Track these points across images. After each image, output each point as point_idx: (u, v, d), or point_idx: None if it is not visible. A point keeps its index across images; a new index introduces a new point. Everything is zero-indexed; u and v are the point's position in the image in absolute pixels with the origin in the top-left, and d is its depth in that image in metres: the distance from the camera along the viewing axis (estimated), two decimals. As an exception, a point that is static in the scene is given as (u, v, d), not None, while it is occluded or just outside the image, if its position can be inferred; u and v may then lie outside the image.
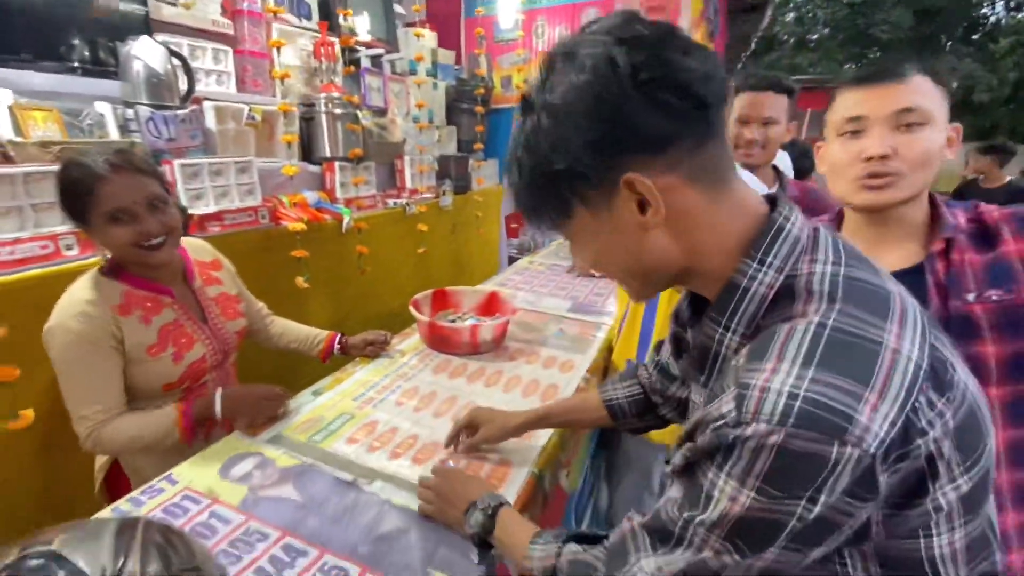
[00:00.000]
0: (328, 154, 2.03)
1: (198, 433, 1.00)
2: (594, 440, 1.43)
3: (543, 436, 1.01)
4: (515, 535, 0.67)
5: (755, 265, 0.46)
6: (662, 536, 0.46)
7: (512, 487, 0.89)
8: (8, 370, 1.18)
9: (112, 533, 0.42)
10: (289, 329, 1.33)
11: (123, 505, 0.80)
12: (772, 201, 0.50)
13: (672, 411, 0.79)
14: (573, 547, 0.57)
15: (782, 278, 0.45)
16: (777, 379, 0.40)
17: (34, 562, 0.37)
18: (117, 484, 1.07)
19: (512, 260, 3.17)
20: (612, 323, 1.60)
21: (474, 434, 0.95)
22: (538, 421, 0.95)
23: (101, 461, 1.09)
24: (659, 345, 0.80)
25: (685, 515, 0.44)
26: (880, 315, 0.42)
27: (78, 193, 0.90)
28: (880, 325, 0.41)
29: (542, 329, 1.56)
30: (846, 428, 0.37)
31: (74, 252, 1.36)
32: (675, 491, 0.47)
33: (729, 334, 0.48)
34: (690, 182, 0.46)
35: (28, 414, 1.23)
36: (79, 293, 0.94)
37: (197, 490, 0.84)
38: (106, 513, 0.80)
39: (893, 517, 0.41)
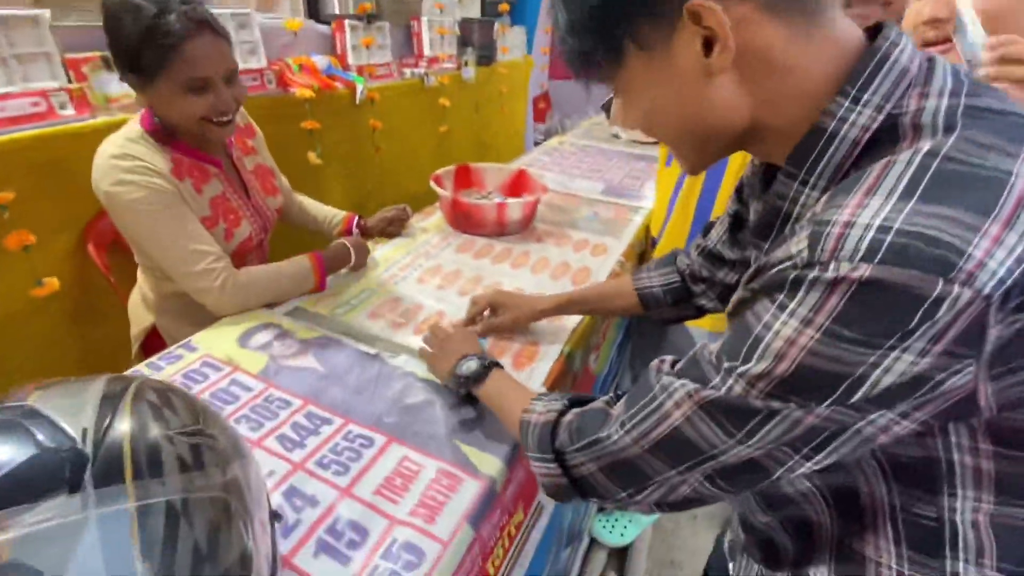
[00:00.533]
0: (336, 9, 1.79)
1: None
2: (623, 326, 1.39)
3: (575, 318, 0.95)
4: (511, 392, 0.64)
5: (847, 104, 0.37)
6: (696, 380, 0.40)
7: (542, 366, 0.84)
8: (24, 235, 1.15)
9: (98, 390, 0.37)
10: (307, 206, 1.24)
11: (144, 370, 0.78)
12: (875, 29, 0.39)
13: (712, 300, 0.74)
14: (579, 408, 0.51)
15: (881, 117, 0.36)
16: (865, 213, 0.32)
17: (2, 417, 0.32)
18: (155, 351, 1.06)
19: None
20: (651, 207, 1.48)
21: (496, 316, 0.90)
22: (567, 306, 0.89)
23: (138, 328, 1.08)
24: (707, 228, 0.73)
25: (726, 364, 0.37)
26: (1014, 140, 0.33)
27: (158, 48, 0.77)
28: (1012, 152, 0.32)
29: (573, 212, 1.45)
30: (954, 263, 0.29)
31: (69, 112, 1.25)
32: (719, 339, 0.40)
33: (807, 189, 0.39)
34: (770, 13, 0.37)
35: (52, 281, 1.21)
36: (127, 150, 0.84)
37: (217, 357, 0.82)
38: (129, 376, 0.79)
39: (1005, 380, 0.33)
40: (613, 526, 1.47)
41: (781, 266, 0.35)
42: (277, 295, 0.95)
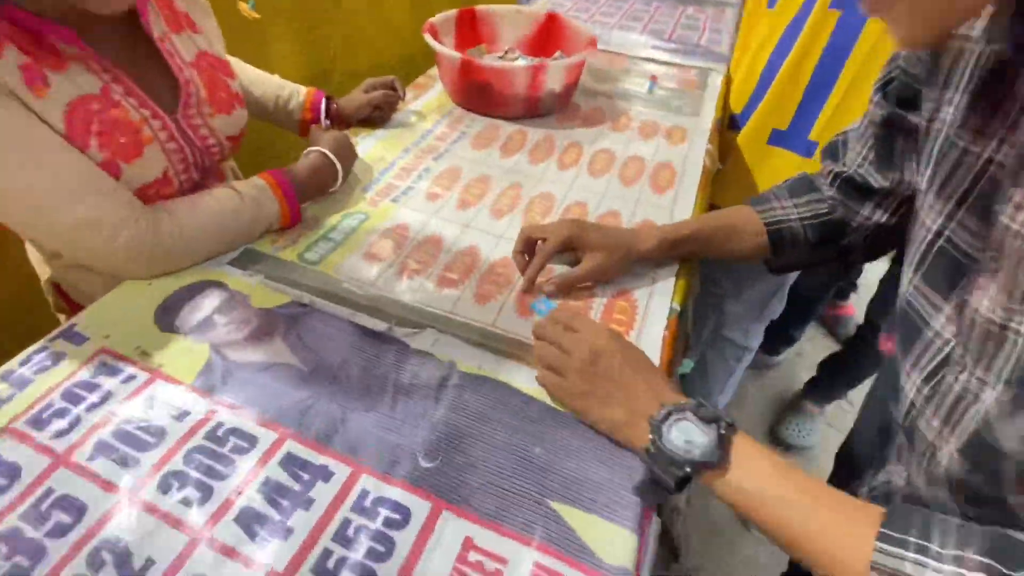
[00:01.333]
0: None
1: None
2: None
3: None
4: (794, 495, 0.35)
5: None
6: None
7: (651, 332, 0.54)
8: None
9: None
10: (247, 79, 0.80)
11: (-8, 387, 0.46)
12: None
13: (863, 240, 0.55)
14: None
15: None
16: None
17: None
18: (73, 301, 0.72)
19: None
20: (726, 70, 1.08)
21: (563, 254, 0.59)
22: (679, 245, 0.60)
23: (43, 278, 0.71)
24: (831, 149, 0.56)
25: None
26: None
27: None
28: None
29: (621, 78, 1.05)
30: None
31: None
32: None
33: None
34: None
35: None
36: None
37: (121, 353, 0.49)
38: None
39: None
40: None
41: None
42: (221, 248, 0.59)
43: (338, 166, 0.67)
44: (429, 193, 0.72)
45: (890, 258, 1.26)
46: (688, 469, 0.37)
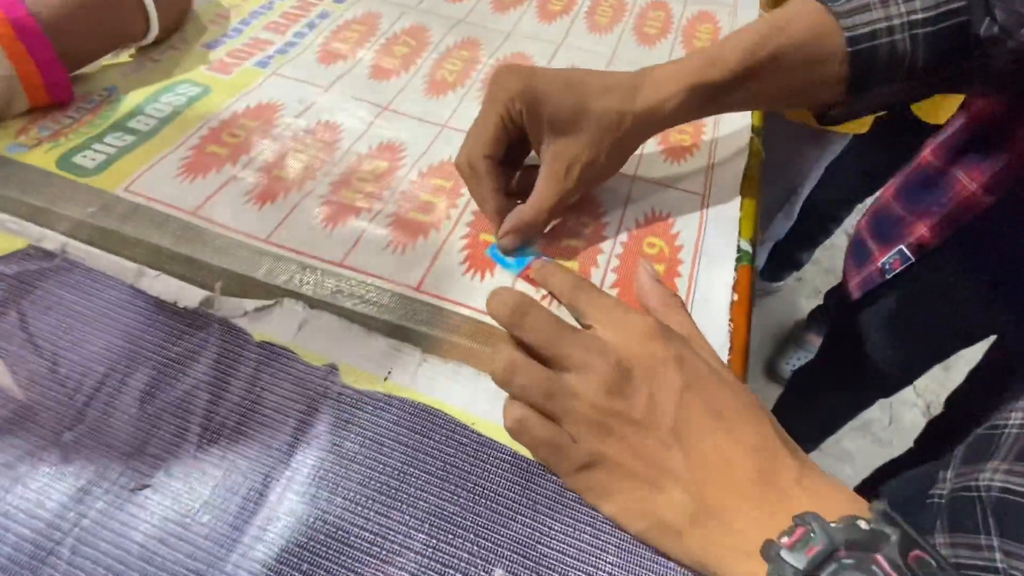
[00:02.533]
0: None
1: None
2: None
3: (731, 151, 0.38)
4: None
5: None
6: None
7: (705, 294, 0.30)
8: None
9: None
10: None
11: None
12: None
13: (990, 72, 0.32)
14: None
15: None
16: None
17: None
18: None
19: None
20: None
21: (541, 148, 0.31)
22: (721, 92, 0.31)
23: None
24: None
25: None
26: None
27: None
28: None
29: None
30: None
31: None
32: None
33: None
34: None
35: None
36: None
37: None
38: None
39: None
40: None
41: None
42: None
43: None
44: (324, 52, 0.43)
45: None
46: None
